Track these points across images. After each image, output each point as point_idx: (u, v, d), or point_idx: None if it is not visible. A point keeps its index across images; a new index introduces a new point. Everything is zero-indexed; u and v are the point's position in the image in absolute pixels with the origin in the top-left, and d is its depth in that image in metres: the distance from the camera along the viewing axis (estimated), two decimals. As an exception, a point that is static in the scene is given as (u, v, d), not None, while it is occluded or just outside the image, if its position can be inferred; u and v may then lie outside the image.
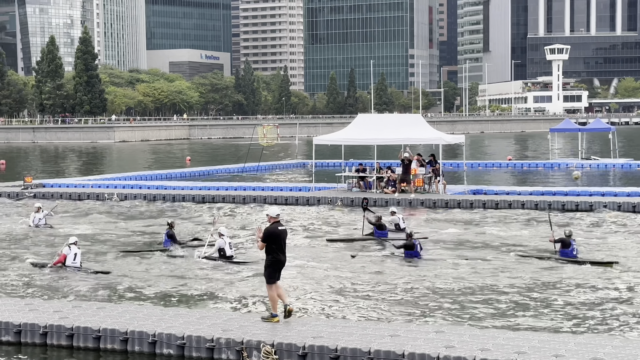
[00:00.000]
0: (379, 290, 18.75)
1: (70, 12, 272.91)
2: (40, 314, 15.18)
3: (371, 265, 21.72)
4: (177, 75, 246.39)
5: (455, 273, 20.47)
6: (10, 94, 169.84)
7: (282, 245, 14.58)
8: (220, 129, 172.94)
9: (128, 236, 27.76)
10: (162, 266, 21.80)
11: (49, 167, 73.95)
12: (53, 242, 25.88)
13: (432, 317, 16.32)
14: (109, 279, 20.20)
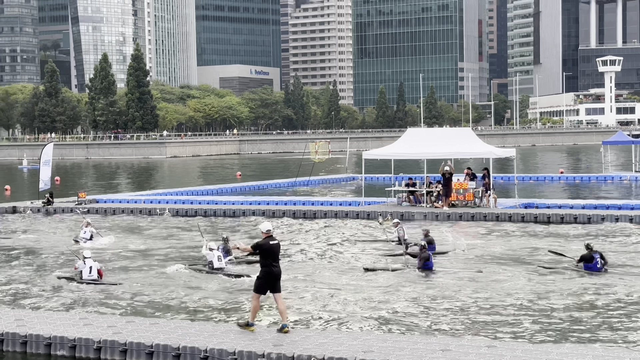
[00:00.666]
0: (421, 303, 18.67)
1: (123, 29, 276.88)
2: (94, 329, 15.38)
3: (398, 278, 21.71)
4: (228, 91, 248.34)
5: (495, 286, 20.30)
6: (65, 111, 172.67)
7: (275, 258, 15.07)
8: (270, 143, 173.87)
9: (178, 250, 27.95)
10: (209, 283, 21.82)
11: (102, 183, 74.94)
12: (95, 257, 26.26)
13: (480, 331, 16.20)
14: (152, 294, 20.35)
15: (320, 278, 22.01)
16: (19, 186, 68.65)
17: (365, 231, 32.34)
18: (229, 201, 43.23)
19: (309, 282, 21.47)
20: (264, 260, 15.05)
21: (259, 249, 15.08)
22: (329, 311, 18.12)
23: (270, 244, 15.04)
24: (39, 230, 34.59)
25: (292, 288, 20.35)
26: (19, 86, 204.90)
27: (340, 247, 27.99)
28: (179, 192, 51.41)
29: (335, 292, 20.13)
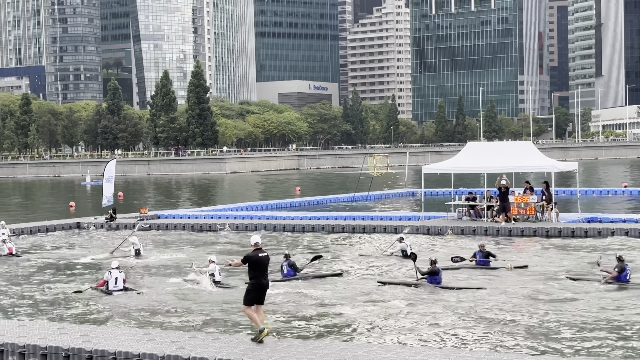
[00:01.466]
0: (455, 317, 18.55)
1: (183, 47, 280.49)
2: (158, 344, 15.53)
3: (419, 294, 21.69)
4: (286, 106, 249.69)
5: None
6: (127, 128, 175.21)
7: (263, 270, 15.50)
8: (329, 158, 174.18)
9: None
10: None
11: (163, 199, 75.82)
12: (132, 271, 26.73)
13: (510, 344, 16.01)
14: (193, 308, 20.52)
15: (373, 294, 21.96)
16: (82, 202, 69.79)
17: (377, 245, 32.19)
18: (288, 216, 43.37)
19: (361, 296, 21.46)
20: (253, 272, 15.44)
21: (247, 261, 15.46)
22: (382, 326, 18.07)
23: (258, 256, 15.44)
24: (87, 246, 35.06)
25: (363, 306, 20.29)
26: (83, 104, 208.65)
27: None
28: (238, 207, 51.74)
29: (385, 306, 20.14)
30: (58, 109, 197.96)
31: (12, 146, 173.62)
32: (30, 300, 22.51)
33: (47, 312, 20.78)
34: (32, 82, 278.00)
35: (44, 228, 41.28)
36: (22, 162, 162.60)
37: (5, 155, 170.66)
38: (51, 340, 15.86)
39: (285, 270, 24.58)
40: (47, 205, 73.27)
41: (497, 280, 23.66)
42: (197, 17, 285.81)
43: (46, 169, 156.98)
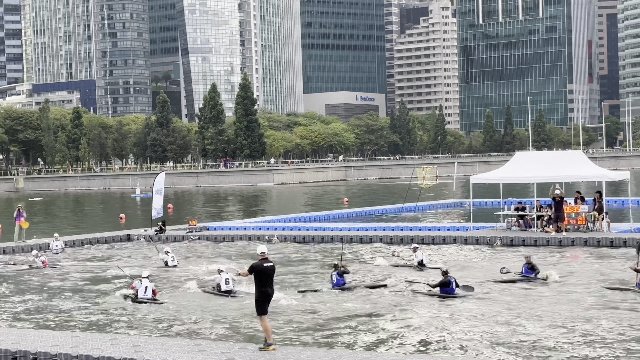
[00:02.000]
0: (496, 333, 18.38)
1: (231, 59, 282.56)
2: (208, 355, 15.64)
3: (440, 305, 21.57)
4: (333, 118, 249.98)
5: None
6: (175, 140, 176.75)
7: (269, 280, 15.79)
8: (377, 169, 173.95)
9: (286, 276, 28.18)
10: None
11: (212, 210, 76.32)
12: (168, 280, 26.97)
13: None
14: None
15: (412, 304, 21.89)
16: (132, 214, 70.53)
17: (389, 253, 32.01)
18: (336, 227, 43.41)
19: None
20: (258, 281, 15.77)
21: (253, 271, 15.77)
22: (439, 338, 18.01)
23: (264, 266, 15.73)
24: (133, 258, 35.38)
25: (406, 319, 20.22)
26: (132, 117, 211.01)
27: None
28: (287, 218, 51.91)
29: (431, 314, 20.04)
30: (108, 122, 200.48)
31: (63, 159, 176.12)
32: (62, 309, 22.87)
33: (80, 321, 21.05)
34: (83, 96, 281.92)
35: (95, 240, 41.81)
36: (73, 175, 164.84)
37: (57, 168, 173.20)
38: (104, 351, 16.07)
39: (335, 280, 24.65)
40: (98, 217, 74.19)
41: (535, 291, 23.46)
42: (245, 30, 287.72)
43: (97, 181, 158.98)
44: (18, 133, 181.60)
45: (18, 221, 39.93)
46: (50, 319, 21.79)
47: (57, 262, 33.84)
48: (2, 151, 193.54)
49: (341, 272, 24.71)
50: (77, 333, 18.49)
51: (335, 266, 25.15)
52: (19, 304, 24.36)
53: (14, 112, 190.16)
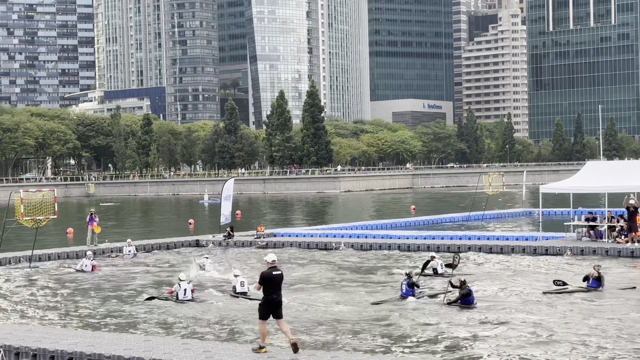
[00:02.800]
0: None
1: (298, 67, 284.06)
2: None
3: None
4: (400, 125, 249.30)
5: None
6: (243, 147, 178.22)
7: (276, 287, 16.27)
8: (443, 177, 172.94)
9: (348, 283, 28.23)
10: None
11: (278, 217, 76.78)
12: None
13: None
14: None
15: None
16: (200, 220, 71.35)
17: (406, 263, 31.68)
18: (403, 235, 43.33)
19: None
20: (266, 289, 16.27)
21: (263, 280, 16.27)
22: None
23: (272, 274, 16.25)
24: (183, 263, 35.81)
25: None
26: (201, 123, 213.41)
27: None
28: (353, 226, 51.96)
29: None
30: (177, 128, 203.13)
31: (133, 165, 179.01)
32: (114, 311, 23.31)
33: (131, 323, 21.41)
34: (153, 103, 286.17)
35: (165, 245, 42.41)
36: (143, 180, 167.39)
37: (127, 174, 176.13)
38: (175, 356, 16.34)
39: (404, 289, 24.64)
40: (167, 223, 75.22)
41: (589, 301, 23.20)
42: (312, 38, 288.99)
43: (166, 187, 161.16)
44: (90, 139, 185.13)
45: (90, 225, 40.76)
46: (111, 322, 22.23)
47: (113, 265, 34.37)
48: (75, 157, 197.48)
49: (411, 283, 24.66)
50: (150, 337, 18.84)
51: (408, 275, 25.12)
52: (75, 306, 24.90)
53: (87, 119, 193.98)
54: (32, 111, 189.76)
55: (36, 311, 24.30)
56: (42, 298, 26.82)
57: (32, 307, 25.07)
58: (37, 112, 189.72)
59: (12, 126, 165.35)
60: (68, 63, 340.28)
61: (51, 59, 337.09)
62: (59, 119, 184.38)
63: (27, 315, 23.66)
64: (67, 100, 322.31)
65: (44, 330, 19.67)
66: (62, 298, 26.79)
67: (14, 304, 25.66)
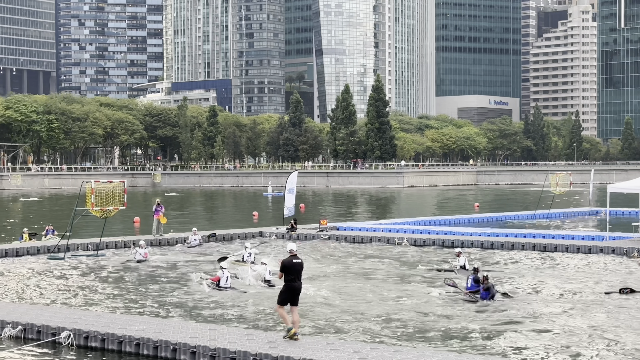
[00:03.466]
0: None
1: (364, 61, 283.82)
2: (340, 354, 15.94)
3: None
4: (466, 121, 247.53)
5: None
6: (307, 140, 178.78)
7: (297, 275, 17.06)
8: (509, 174, 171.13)
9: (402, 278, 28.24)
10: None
11: (341, 211, 76.95)
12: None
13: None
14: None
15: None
16: (264, 212, 71.88)
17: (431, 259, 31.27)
18: (466, 232, 43.12)
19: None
20: (287, 276, 17.06)
21: (284, 268, 17.06)
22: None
23: (292, 262, 17.06)
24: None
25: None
26: (266, 116, 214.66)
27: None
28: (416, 221, 51.87)
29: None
30: (242, 120, 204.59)
31: (199, 156, 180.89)
32: (160, 300, 23.65)
33: (198, 311, 21.71)
34: (219, 95, 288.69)
35: (229, 236, 42.84)
36: (207, 171, 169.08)
37: (193, 165, 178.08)
38: (240, 345, 16.60)
39: (469, 284, 24.73)
40: (231, 214, 75.93)
41: None
42: (379, 32, 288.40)
43: (230, 179, 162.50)
44: (157, 129, 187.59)
45: (156, 215, 41.40)
46: (173, 310, 22.60)
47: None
48: (141, 147, 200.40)
49: (477, 278, 24.65)
50: (215, 326, 19.13)
51: (476, 270, 25.17)
52: (139, 293, 25.37)
53: (154, 109, 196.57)
54: (101, 101, 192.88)
55: (102, 297, 24.84)
56: (107, 285, 27.39)
57: (98, 293, 25.62)
58: (106, 102, 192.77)
59: (82, 116, 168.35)
60: (137, 54, 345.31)
61: (120, 50, 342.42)
62: (127, 109, 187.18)
63: (93, 301, 24.20)
64: (135, 91, 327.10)
65: (112, 316, 20.11)
66: (127, 285, 27.32)
67: (81, 290, 26.26)
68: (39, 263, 32.64)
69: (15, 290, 26.14)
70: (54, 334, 18.28)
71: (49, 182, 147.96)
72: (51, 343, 18.09)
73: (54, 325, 18.48)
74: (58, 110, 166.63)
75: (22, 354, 17.55)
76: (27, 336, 18.64)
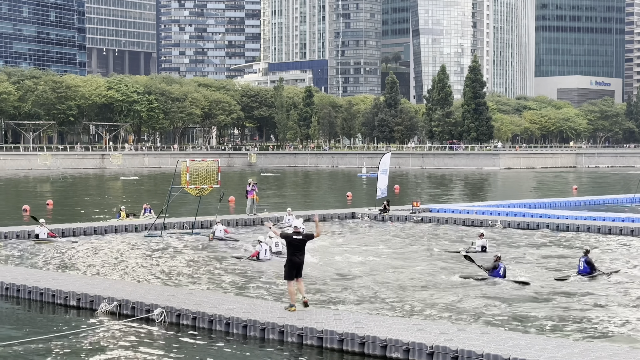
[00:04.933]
0: None
1: (461, 41, 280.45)
2: (427, 334, 15.92)
3: None
4: (565, 103, 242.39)
5: None
6: (403, 122, 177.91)
7: (297, 250, 18.15)
8: (609, 157, 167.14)
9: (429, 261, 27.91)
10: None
11: (435, 192, 76.48)
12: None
13: None
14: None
15: None
16: (358, 193, 72.00)
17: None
18: (562, 215, 42.32)
19: None
20: (289, 250, 18.24)
21: (284, 237, 18.56)
22: None
23: (292, 238, 18.23)
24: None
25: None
26: (361, 97, 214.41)
27: None
28: (511, 204, 51.15)
29: None
30: (338, 101, 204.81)
31: (294, 136, 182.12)
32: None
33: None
34: (315, 75, 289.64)
35: (322, 217, 43.00)
36: (303, 152, 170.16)
37: (288, 145, 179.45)
38: (327, 325, 16.73)
39: (582, 267, 24.81)
40: (325, 194, 76.29)
41: None
42: (477, 12, 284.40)
43: (325, 159, 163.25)
44: (253, 110, 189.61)
45: (250, 195, 41.89)
46: (257, 290, 22.87)
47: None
48: (238, 127, 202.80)
49: (589, 259, 24.82)
50: (300, 307, 19.31)
51: (586, 252, 25.21)
52: (226, 272, 25.73)
53: (251, 90, 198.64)
54: (200, 82, 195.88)
55: (193, 275, 25.30)
56: (198, 264, 27.88)
57: (190, 272, 26.10)
58: (204, 82, 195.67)
59: (181, 96, 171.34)
60: (235, 35, 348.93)
61: (219, 30, 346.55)
62: (224, 89, 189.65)
63: (185, 279, 24.66)
64: (232, 72, 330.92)
65: (203, 294, 20.48)
66: (221, 264, 27.74)
67: (175, 268, 26.81)
68: (135, 241, 33.45)
69: (111, 266, 26.87)
70: (147, 310, 18.73)
71: (148, 161, 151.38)
72: (145, 319, 18.55)
73: (147, 302, 18.94)
74: (158, 90, 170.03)
75: (117, 329, 18.05)
76: (122, 312, 19.16)
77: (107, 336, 17.48)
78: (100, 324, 18.52)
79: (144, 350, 16.42)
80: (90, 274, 25.25)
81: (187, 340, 17.23)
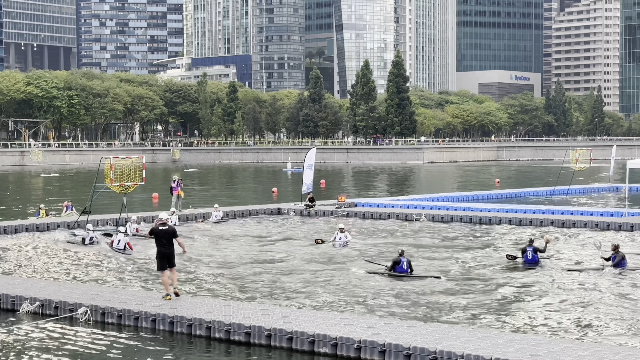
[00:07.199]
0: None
1: (384, 36, 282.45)
2: (354, 329, 15.98)
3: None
4: (486, 97, 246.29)
5: None
6: (327, 116, 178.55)
7: (164, 241, 18.74)
8: (529, 150, 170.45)
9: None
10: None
11: (360, 187, 76.91)
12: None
13: None
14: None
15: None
16: (283, 188, 71.96)
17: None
18: (484, 208, 42.95)
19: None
20: (157, 242, 18.85)
21: (153, 233, 18.93)
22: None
23: (159, 229, 18.85)
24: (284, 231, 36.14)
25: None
26: (286, 92, 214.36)
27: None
28: (435, 197, 51.72)
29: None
30: (262, 96, 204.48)
31: (219, 132, 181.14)
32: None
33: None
34: (239, 71, 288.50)
35: (247, 212, 42.92)
36: (227, 147, 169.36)
37: (213, 141, 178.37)
38: (255, 320, 16.68)
39: (530, 256, 25.50)
40: (250, 190, 76.07)
41: None
42: (399, 7, 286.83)
43: (250, 154, 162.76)
44: (177, 105, 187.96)
45: (175, 191, 41.50)
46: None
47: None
48: (162, 123, 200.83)
49: (536, 249, 25.59)
50: (230, 302, 19.22)
51: (531, 241, 25.99)
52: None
53: (174, 85, 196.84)
54: (122, 77, 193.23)
55: (119, 274, 24.96)
56: (122, 261, 27.51)
57: (114, 270, 25.74)
58: (126, 78, 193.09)
59: (102, 92, 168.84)
60: (157, 30, 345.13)
61: (141, 25, 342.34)
62: (147, 85, 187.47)
63: (110, 277, 24.32)
64: (155, 67, 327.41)
65: (128, 292, 20.17)
66: (139, 263, 27.43)
67: (97, 266, 26.37)
68: (57, 239, 32.83)
69: (32, 266, 26.34)
70: (71, 310, 18.42)
71: (69, 157, 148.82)
72: (68, 319, 18.23)
73: (71, 301, 18.63)
74: (79, 86, 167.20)
75: (39, 329, 17.70)
76: (45, 312, 18.80)
77: (30, 337, 17.12)
78: (22, 324, 18.13)
79: (68, 349, 16.13)
80: (10, 274, 24.69)
81: (112, 338, 16.98)
